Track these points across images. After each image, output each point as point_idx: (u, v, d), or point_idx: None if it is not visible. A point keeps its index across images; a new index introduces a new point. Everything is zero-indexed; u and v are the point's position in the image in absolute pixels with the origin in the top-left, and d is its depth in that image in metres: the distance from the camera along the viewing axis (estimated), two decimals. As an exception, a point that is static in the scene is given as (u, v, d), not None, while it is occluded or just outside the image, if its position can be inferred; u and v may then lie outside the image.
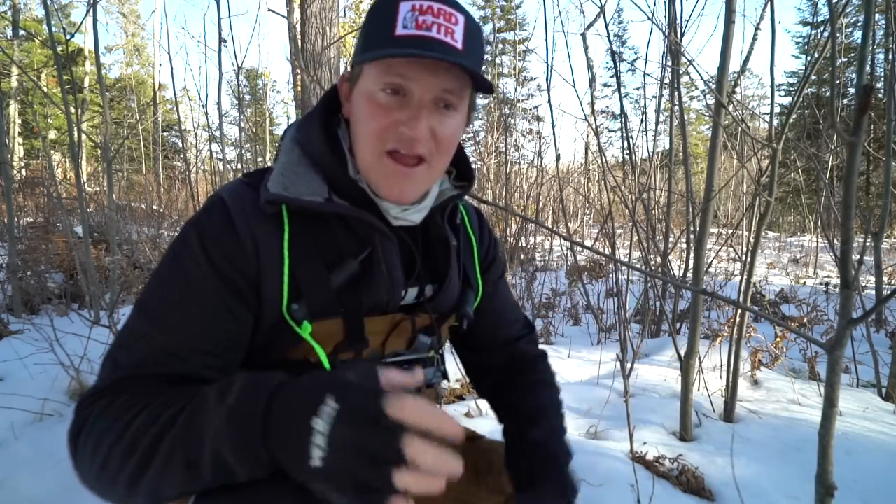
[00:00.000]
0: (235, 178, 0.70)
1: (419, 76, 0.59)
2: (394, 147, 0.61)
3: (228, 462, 0.45)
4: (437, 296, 0.75)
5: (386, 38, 0.58)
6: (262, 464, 0.45)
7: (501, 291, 0.88)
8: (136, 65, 20.71)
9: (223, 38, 2.99)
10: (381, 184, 0.64)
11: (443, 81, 0.60)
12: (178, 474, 0.48)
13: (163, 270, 0.62)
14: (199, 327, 0.59)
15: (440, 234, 0.75)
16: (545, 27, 3.47)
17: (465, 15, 0.61)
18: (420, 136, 0.60)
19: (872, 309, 0.79)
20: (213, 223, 0.62)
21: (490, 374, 0.91)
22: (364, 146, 0.63)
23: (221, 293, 0.60)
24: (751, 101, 17.59)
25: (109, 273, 2.98)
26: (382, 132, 0.61)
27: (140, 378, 0.56)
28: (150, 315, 0.59)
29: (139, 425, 0.50)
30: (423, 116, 0.60)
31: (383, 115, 0.60)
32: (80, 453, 0.53)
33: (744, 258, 2.06)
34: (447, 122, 0.63)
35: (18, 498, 1.23)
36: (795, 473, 1.41)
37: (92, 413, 0.53)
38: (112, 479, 0.50)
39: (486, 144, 5.95)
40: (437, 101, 0.61)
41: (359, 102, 0.63)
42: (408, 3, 0.58)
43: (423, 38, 0.58)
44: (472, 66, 0.58)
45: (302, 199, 0.63)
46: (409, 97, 0.60)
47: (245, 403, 0.46)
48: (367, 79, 0.62)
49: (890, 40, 2.36)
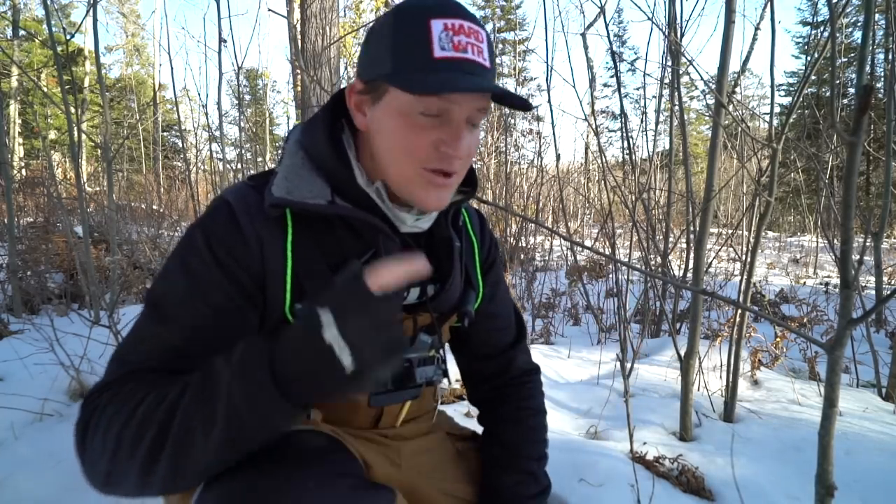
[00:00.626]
0: (239, 181, 0.71)
1: (460, 99, 0.60)
2: (437, 167, 0.63)
3: (242, 413, 0.47)
4: (440, 295, 0.76)
5: (425, 61, 0.58)
6: (277, 409, 0.47)
7: (499, 296, 0.89)
8: (136, 65, 20.72)
9: (223, 38, 2.99)
10: (419, 195, 0.65)
11: (478, 102, 0.62)
12: (196, 439, 0.48)
13: (169, 270, 0.62)
14: (204, 325, 0.59)
15: (444, 235, 0.75)
16: (545, 27, 3.48)
17: (483, 28, 0.63)
18: (462, 155, 0.62)
19: (872, 309, 0.79)
20: (219, 223, 0.63)
21: (482, 384, 0.92)
22: (399, 161, 0.64)
23: (227, 290, 0.61)
24: (751, 101, 17.59)
25: (109, 273, 2.98)
26: (421, 149, 0.62)
27: (145, 372, 0.57)
28: (156, 314, 0.60)
29: (149, 403, 0.50)
30: (464, 136, 0.62)
31: (422, 134, 0.61)
32: (89, 448, 0.53)
33: (744, 258, 2.06)
34: (474, 137, 0.65)
35: (18, 498, 1.23)
36: (795, 473, 1.41)
37: (98, 406, 0.54)
38: (125, 466, 0.50)
39: (486, 144, 5.95)
40: (469, 119, 0.63)
41: (388, 119, 0.63)
42: (439, 22, 0.58)
43: (463, 61, 0.59)
44: (504, 91, 0.60)
45: (306, 203, 0.64)
46: (448, 117, 0.61)
47: (249, 356, 0.48)
48: (400, 98, 0.61)
49: (890, 40, 2.36)
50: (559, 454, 1.48)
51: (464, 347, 0.90)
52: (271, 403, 0.47)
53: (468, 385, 0.96)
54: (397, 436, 0.80)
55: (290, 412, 0.48)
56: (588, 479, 1.33)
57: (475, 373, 0.93)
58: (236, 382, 0.47)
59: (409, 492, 0.74)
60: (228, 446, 0.48)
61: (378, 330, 0.45)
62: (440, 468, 0.83)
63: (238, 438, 0.48)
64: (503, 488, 0.82)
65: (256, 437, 0.49)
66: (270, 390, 0.46)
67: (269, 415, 0.47)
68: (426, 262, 0.49)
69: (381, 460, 0.75)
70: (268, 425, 0.49)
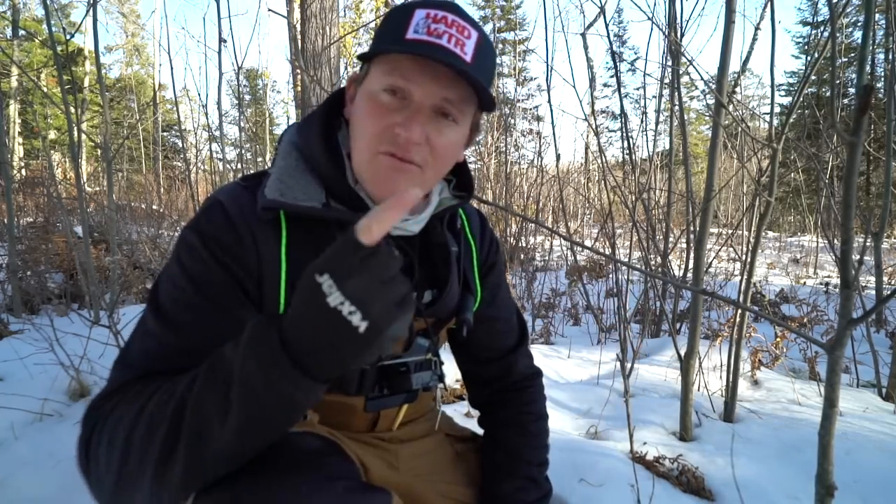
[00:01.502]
0: (232, 181, 0.69)
1: (421, 80, 0.59)
2: (388, 149, 0.60)
3: (258, 391, 0.45)
4: (437, 301, 0.75)
5: (395, 40, 0.59)
6: (293, 383, 0.45)
7: (500, 298, 0.87)
8: (136, 65, 20.71)
9: (223, 38, 2.99)
10: (374, 181, 0.63)
11: (444, 90, 0.59)
12: (212, 427, 0.45)
13: (167, 274, 0.62)
14: (207, 325, 0.59)
15: (439, 240, 0.74)
16: (545, 27, 3.48)
17: (479, 32, 0.61)
18: (414, 138, 0.59)
19: (872, 309, 0.78)
20: (212, 223, 0.62)
21: (483, 388, 0.91)
22: (360, 145, 0.63)
23: (227, 288, 0.60)
24: (751, 101, 17.60)
25: (109, 273, 2.98)
26: (379, 132, 0.60)
27: (150, 376, 0.56)
28: (157, 317, 0.59)
29: (156, 402, 0.49)
30: (418, 120, 0.59)
31: (381, 115, 0.60)
32: (94, 460, 0.50)
33: (744, 258, 2.06)
34: (445, 132, 0.62)
35: (18, 498, 1.23)
36: (795, 473, 1.41)
37: (101, 415, 0.52)
38: (137, 471, 0.47)
39: (486, 144, 5.96)
40: (436, 108, 0.61)
41: (360, 102, 0.63)
42: (423, 11, 0.59)
43: (432, 45, 0.57)
44: (477, 77, 0.58)
45: (299, 205, 0.63)
46: (409, 100, 0.60)
47: (258, 333, 0.46)
48: (371, 79, 0.62)
49: (890, 40, 2.36)
50: (559, 454, 1.48)
51: (465, 351, 0.89)
52: (287, 377, 0.44)
53: (469, 387, 0.95)
54: (395, 438, 0.80)
55: (309, 386, 0.45)
56: (588, 479, 1.33)
57: (476, 376, 0.92)
58: (248, 361, 0.45)
59: (407, 494, 0.74)
60: (248, 431, 0.46)
61: (383, 283, 0.43)
62: (438, 470, 0.82)
63: (257, 419, 0.46)
64: (504, 494, 0.81)
65: (277, 418, 0.47)
66: (284, 363, 0.44)
67: (287, 390, 0.45)
68: (411, 193, 0.44)
69: (378, 463, 0.74)
70: (287, 402, 0.46)
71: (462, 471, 0.85)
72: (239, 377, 0.45)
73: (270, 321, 0.47)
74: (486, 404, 0.92)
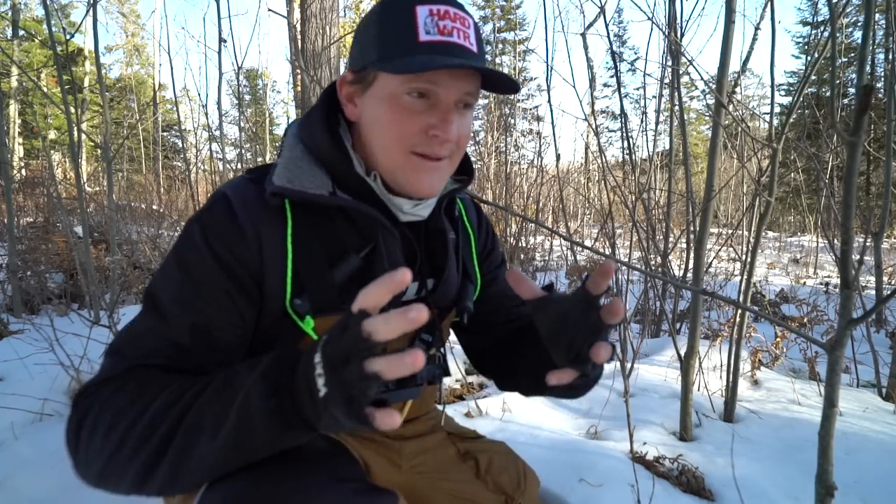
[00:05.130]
0: (238, 175, 0.70)
1: (446, 81, 0.61)
2: (422, 150, 0.63)
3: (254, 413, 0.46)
4: (437, 289, 0.75)
5: (410, 44, 0.59)
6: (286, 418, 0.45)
7: (501, 276, 0.88)
8: (136, 65, 20.72)
9: (223, 38, 2.99)
10: (409, 180, 0.65)
11: (465, 84, 0.62)
12: (202, 439, 0.47)
13: (167, 265, 0.62)
14: (202, 320, 0.59)
15: (437, 226, 0.75)
16: (545, 27, 3.47)
17: (470, 16, 0.63)
18: (452, 138, 0.62)
19: (872, 309, 0.78)
20: (216, 217, 0.63)
21: (492, 350, 0.88)
22: (388, 147, 0.64)
23: (224, 284, 0.60)
24: (751, 101, 17.60)
25: (109, 273, 2.98)
26: (411, 135, 0.62)
27: (146, 368, 0.56)
28: (155, 308, 0.60)
29: (163, 402, 0.50)
30: (453, 119, 0.62)
31: (411, 118, 0.62)
32: (84, 443, 0.52)
33: (744, 258, 2.06)
34: (465, 122, 0.65)
35: (18, 498, 1.23)
36: (795, 473, 1.41)
37: (97, 400, 0.53)
38: (125, 465, 0.49)
39: (486, 144, 5.95)
40: (458, 102, 0.63)
41: (377, 106, 0.63)
42: (424, 8, 0.59)
43: (448, 44, 0.59)
44: (488, 68, 0.61)
45: (307, 192, 0.64)
46: (436, 100, 0.62)
47: (277, 363, 0.48)
48: (387, 82, 0.62)
49: (890, 40, 2.36)
50: (559, 454, 1.48)
51: (472, 326, 0.86)
52: (287, 428, 0.46)
53: (476, 357, 0.91)
54: (398, 436, 0.80)
55: (300, 435, 0.47)
56: (588, 479, 1.33)
57: (484, 343, 0.88)
58: (256, 387, 0.47)
59: (410, 492, 0.74)
60: (231, 450, 0.48)
61: (343, 362, 0.41)
62: (441, 468, 0.82)
63: (246, 444, 0.48)
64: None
65: (265, 448, 0.49)
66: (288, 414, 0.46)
67: (281, 434, 0.47)
68: (410, 273, 0.43)
69: (381, 462, 0.74)
70: (278, 442, 0.48)
71: (464, 469, 0.85)
72: (241, 403, 0.47)
73: (286, 356, 0.48)
74: (493, 350, 0.87)
